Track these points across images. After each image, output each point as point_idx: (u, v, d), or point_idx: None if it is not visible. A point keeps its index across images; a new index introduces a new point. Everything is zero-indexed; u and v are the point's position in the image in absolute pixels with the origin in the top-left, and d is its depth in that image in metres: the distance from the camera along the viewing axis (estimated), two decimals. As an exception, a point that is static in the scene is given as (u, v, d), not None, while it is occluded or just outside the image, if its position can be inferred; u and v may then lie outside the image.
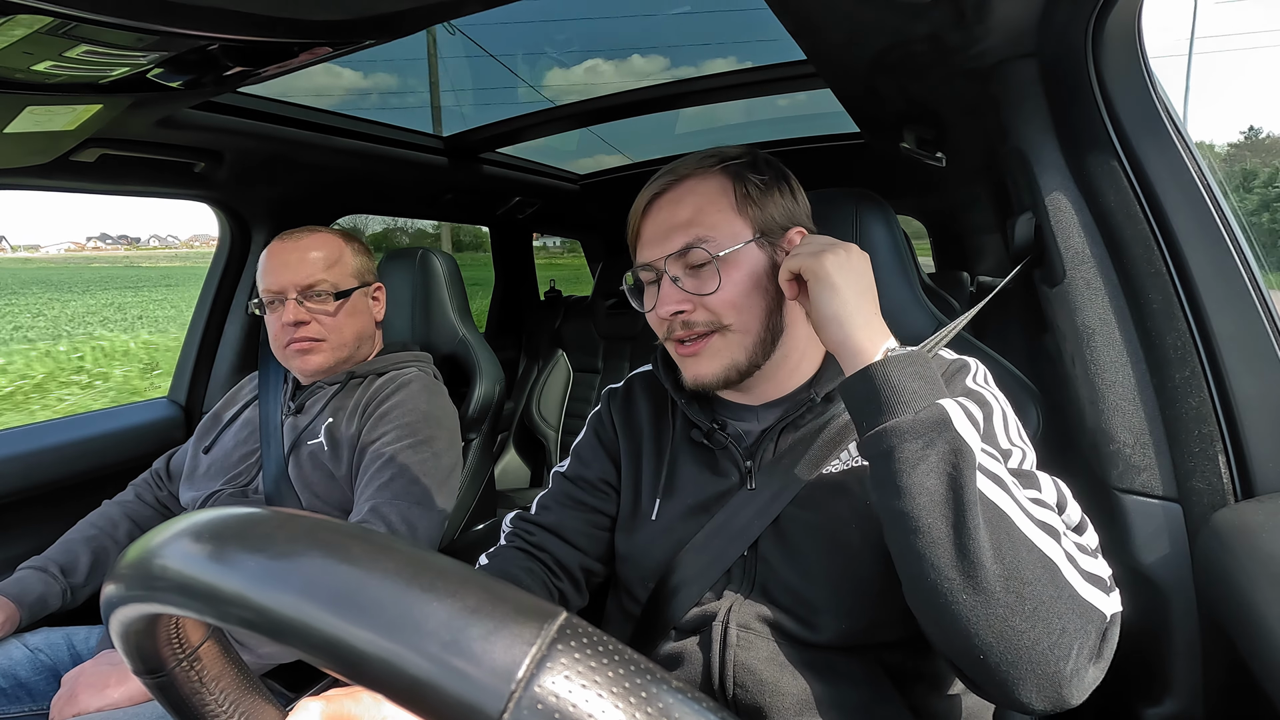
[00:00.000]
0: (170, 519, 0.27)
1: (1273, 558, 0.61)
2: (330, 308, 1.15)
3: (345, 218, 1.90)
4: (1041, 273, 0.89)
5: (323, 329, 1.15)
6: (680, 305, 0.72)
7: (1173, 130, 0.76)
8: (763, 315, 0.73)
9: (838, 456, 0.72)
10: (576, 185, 2.45)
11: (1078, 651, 0.51)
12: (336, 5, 0.81)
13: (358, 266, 1.22)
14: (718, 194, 0.74)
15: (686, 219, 0.73)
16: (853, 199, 0.97)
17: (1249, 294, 0.72)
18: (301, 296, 1.14)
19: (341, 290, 1.17)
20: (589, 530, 0.83)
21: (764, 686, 0.65)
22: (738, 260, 0.72)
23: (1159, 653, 0.77)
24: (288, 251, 1.16)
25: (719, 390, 0.76)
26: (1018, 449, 0.64)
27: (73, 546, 1.11)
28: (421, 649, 0.20)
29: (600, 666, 0.20)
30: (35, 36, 0.73)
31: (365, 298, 1.23)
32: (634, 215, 0.78)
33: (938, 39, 0.82)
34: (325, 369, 1.17)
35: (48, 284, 25.03)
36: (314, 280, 1.14)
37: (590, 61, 16.18)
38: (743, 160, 0.76)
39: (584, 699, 0.19)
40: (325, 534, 0.24)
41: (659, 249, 0.73)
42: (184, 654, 0.32)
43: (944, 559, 0.52)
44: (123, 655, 0.30)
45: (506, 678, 0.19)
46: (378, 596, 0.21)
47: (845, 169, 2.20)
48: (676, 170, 0.76)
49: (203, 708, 0.33)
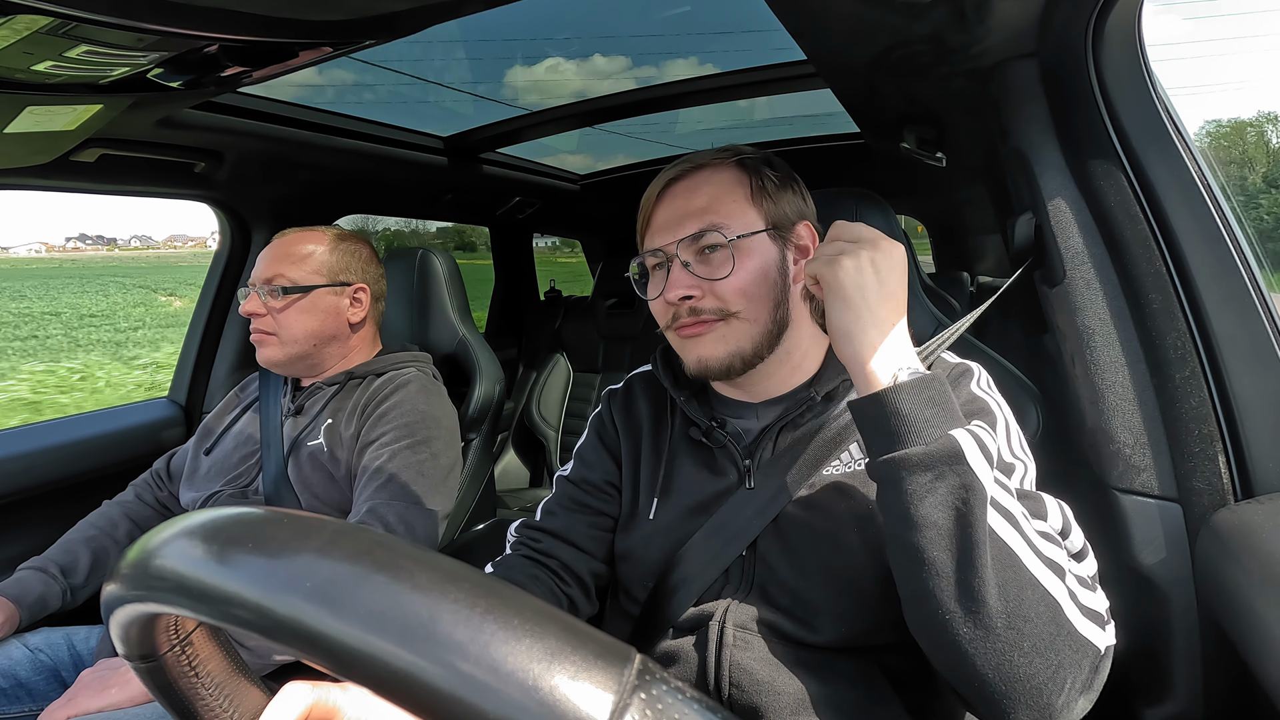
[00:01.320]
0: (175, 518, 0.27)
1: (1273, 558, 0.61)
2: (278, 303, 1.15)
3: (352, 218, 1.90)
4: (1041, 273, 0.89)
5: (273, 323, 1.15)
6: (690, 290, 0.72)
7: (1173, 130, 0.76)
8: (770, 306, 0.73)
9: (838, 457, 0.72)
10: (576, 185, 2.45)
11: (1070, 684, 0.51)
12: (337, 5, 0.81)
13: (331, 265, 1.19)
14: (733, 184, 0.75)
15: (702, 206, 0.73)
16: (853, 199, 0.97)
17: (1249, 294, 0.72)
18: (262, 289, 1.15)
19: (297, 286, 1.15)
20: (595, 533, 0.83)
21: (760, 687, 0.65)
22: (751, 248, 0.73)
23: (1159, 653, 0.77)
24: (270, 247, 1.19)
25: (721, 379, 0.76)
26: (1020, 463, 0.65)
27: (73, 547, 1.11)
28: (505, 695, 0.20)
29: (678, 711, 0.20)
30: (35, 36, 0.73)
31: (334, 297, 1.19)
32: (647, 201, 0.78)
33: (938, 39, 0.82)
34: (277, 363, 1.17)
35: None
36: (272, 274, 1.15)
37: (551, 60, 15.92)
38: (757, 156, 0.78)
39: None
40: (383, 554, 0.24)
41: (671, 234, 0.74)
42: (177, 639, 0.32)
43: (946, 592, 0.51)
44: (116, 642, 0.30)
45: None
46: (456, 633, 0.21)
47: (845, 169, 2.20)
48: (692, 159, 0.77)
49: (190, 692, 0.33)
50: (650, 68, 2.07)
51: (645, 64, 2.06)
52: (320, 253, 1.19)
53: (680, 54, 1.97)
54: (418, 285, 1.47)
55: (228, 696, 0.34)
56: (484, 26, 1.79)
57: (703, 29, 1.81)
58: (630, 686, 0.20)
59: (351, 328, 1.22)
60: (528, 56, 1.97)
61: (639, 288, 0.79)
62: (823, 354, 0.79)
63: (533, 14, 1.69)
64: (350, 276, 1.21)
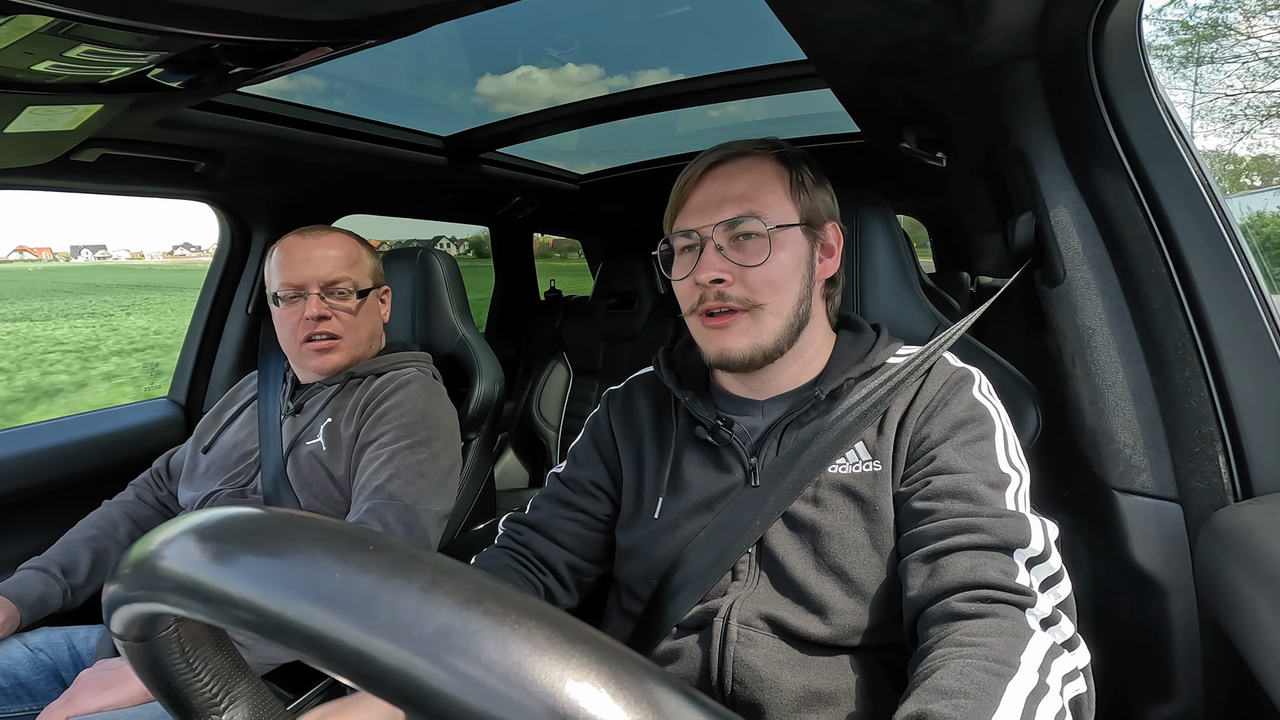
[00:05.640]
0: (175, 517, 0.27)
1: (1273, 558, 0.61)
2: (352, 305, 1.16)
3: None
4: (1042, 273, 0.89)
5: (342, 326, 1.15)
6: (722, 274, 0.72)
7: (1173, 131, 0.76)
8: (795, 301, 0.74)
9: (844, 456, 0.72)
10: (576, 185, 2.45)
11: None
12: (337, 5, 0.81)
13: (373, 267, 1.24)
14: (774, 176, 0.76)
15: (742, 192, 0.74)
16: (853, 199, 0.97)
17: (1249, 294, 0.72)
18: (324, 292, 1.13)
19: (362, 289, 1.18)
20: (576, 530, 0.84)
21: (763, 684, 0.65)
22: (785, 240, 0.74)
23: (1159, 653, 0.77)
24: (309, 247, 1.15)
25: (740, 371, 0.76)
26: (1015, 473, 0.66)
27: (73, 547, 1.11)
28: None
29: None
30: (36, 36, 0.73)
31: (377, 299, 1.25)
32: (685, 181, 0.78)
33: (938, 39, 0.82)
34: (340, 368, 1.18)
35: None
36: (337, 277, 1.15)
37: (523, 69, 16.01)
38: (796, 152, 0.79)
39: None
40: (406, 562, 0.23)
41: (708, 216, 0.74)
42: (175, 620, 0.31)
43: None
44: (111, 623, 0.30)
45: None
46: (507, 660, 0.21)
47: (845, 169, 2.20)
48: (733, 146, 0.78)
49: (178, 675, 0.33)
50: (650, 68, 2.08)
51: (645, 64, 2.06)
52: (365, 256, 1.22)
53: (680, 54, 1.97)
54: (418, 285, 1.47)
55: (213, 673, 0.34)
56: (485, 26, 1.79)
57: (703, 29, 1.81)
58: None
59: (384, 327, 1.28)
60: (527, 59, 1.98)
61: (665, 267, 0.80)
62: (830, 352, 0.79)
63: (533, 14, 1.68)
64: (381, 278, 1.26)
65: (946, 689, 0.50)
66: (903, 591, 0.64)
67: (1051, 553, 0.62)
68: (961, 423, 0.70)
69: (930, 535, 0.63)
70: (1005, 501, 0.64)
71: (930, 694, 0.51)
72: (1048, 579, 0.60)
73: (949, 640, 0.56)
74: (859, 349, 0.78)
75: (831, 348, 0.79)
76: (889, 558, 0.67)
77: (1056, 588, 0.60)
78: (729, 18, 1.78)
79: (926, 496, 0.66)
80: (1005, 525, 0.61)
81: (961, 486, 0.65)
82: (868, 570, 0.67)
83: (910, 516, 0.67)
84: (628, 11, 2.16)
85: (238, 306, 1.66)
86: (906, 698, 0.53)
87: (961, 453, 0.67)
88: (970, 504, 0.63)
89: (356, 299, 1.16)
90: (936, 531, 0.63)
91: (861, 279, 0.97)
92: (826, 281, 0.80)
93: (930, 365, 0.75)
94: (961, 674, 0.51)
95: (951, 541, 0.61)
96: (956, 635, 0.56)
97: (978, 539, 0.61)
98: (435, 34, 0.94)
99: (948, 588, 0.59)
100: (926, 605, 0.61)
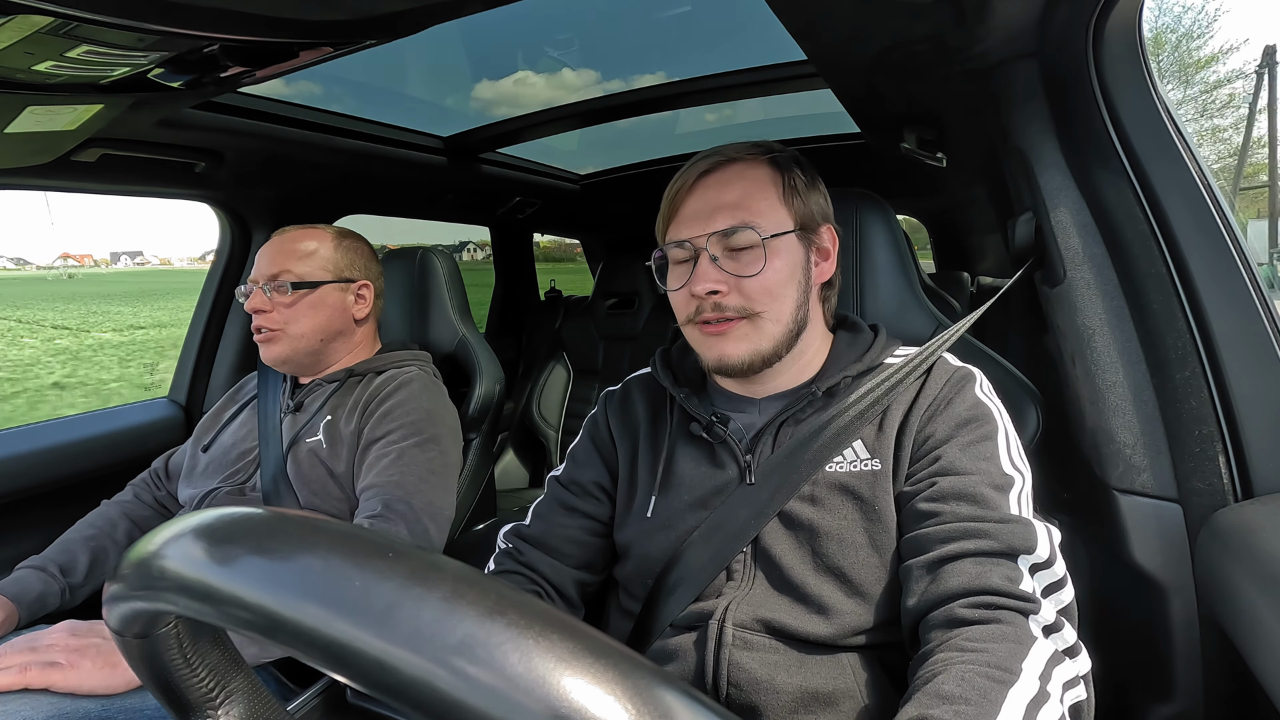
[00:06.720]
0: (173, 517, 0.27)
1: (1273, 558, 0.61)
2: (287, 298, 1.15)
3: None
4: (1042, 273, 0.89)
5: (280, 319, 1.15)
6: (717, 285, 0.72)
7: (1173, 130, 0.76)
8: (793, 307, 0.74)
9: (841, 454, 0.72)
10: (576, 185, 2.45)
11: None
12: (337, 5, 0.81)
13: (337, 261, 1.20)
14: (766, 182, 0.75)
15: (734, 201, 0.73)
16: (853, 199, 0.97)
17: (1249, 294, 0.72)
18: (267, 285, 1.15)
19: (305, 281, 1.16)
20: (581, 537, 0.83)
21: (759, 685, 0.65)
22: (780, 248, 0.73)
23: (1159, 653, 0.77)
24: (271, 244, 1.18)
25: (738, 376, 0.76)
26: (1018, 475, 0.66)
27: (71, 546, 1.11)
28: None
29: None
30: (36, 36, 0.73)
31: (340, 293, 1.20)
32: (676, 191, 0.77)
33: (938, 39, 0.82)
34: (284, 359, 1.17)
35: None
36: (278, 270, 1.15)
37: (521, 73, 16.02)
38: (788, 155, 0.78)
39: None
40: (416, 565, 0.23)
41: (701, 226, 0.73)
42: (174, 615, 0.31)
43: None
44: (110, 618, 0.30)
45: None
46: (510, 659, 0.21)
47: (845, 169, 2.20)
48: (724, 152, 0.76)
49: (176, 671, 0.33)
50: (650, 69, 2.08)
51: (646, 65, 2.06)
52: (325, 249, 1.20)
53: (680, 54, 1.97)
54: (418, 285, 1.47)
55: (209, 667, 0.34)
56: (485, 27, 1.79)
57: (703, 29, 1.81)
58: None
59: (356, 324, 1.24)
60: (527, 60, 1.97)
61: (659, 277, 0.79)
62: (827, 351, 0.79)
63: (533, 15, 1.68)
64: (354, 273, 1.23)
65: (947, 694, 0.50)
66: (904, 594, 0.64)
67: (1055, 558, 0.61)
68: (965, 422, 0.69)
69: (935, 539, 0.63)
70: (1010, 505, 0.64)
71: (931, 698, 0.51)
72: (1051, 585, 0.60)
73: (951, 645, 0.56)
74: (856, 348, 0.78)
75: (829, 348, 0.79)
76: (888, 558, 0.67)
77: (1059, 594, 0.60)
78: (729, 18, 1.78)
79: (931, 498, 0.65)
80: (1011, 531, 0.61)
81: (967, 489, 0.64)
82: (867, 570, 0.67)
83: (914, 518, 0.66)
84: (628, 11, 2.15)
85: (238, 306, 1.66)
86: (907, 701, 0.53)
87: (966, 453, 0.67)
88: (976, 507, 0.63)
89: (293, 291, 1.15)
90: (942, 535, 0.63)
91: (862, 279, 0.97)
92: (823, 284, 0.80)
93: (930, 365, 0.74)
94: (963, 679, 0.51)
95: (957, 547, 0.61)
96: (958, 640, 0.56)
97: (983, 545, 0.61)
98: (436, 34, 0.95)
99: (952, 593, 0.59)
100: (929, 609, 0.61)
